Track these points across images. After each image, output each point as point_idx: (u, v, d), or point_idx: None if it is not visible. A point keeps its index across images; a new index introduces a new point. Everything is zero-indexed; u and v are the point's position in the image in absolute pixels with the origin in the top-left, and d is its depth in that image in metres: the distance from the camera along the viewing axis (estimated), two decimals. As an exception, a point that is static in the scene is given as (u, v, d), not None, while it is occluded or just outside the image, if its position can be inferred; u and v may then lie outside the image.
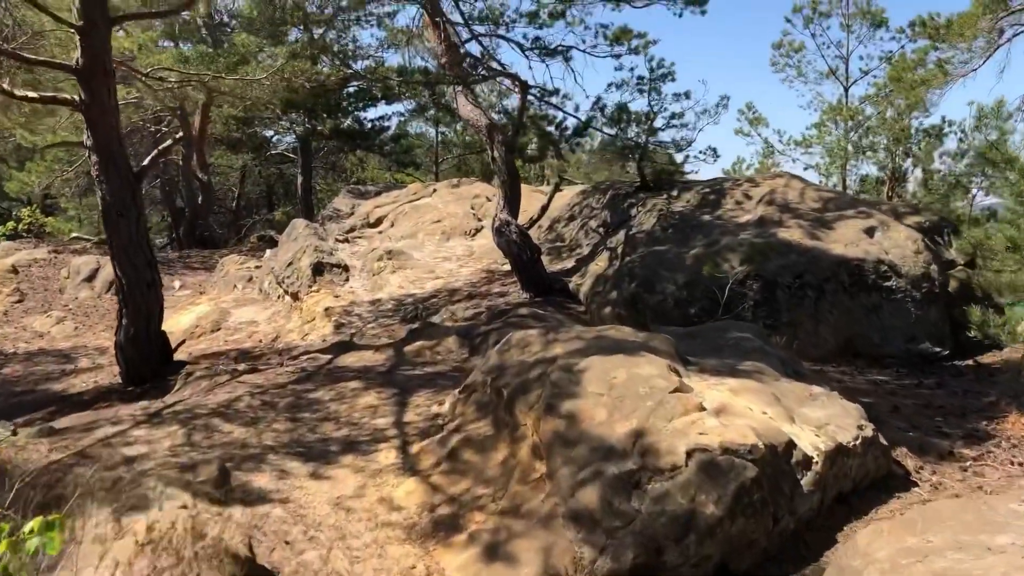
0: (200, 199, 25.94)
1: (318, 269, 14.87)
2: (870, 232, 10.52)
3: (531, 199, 17.50)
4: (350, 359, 9.50)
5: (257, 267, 18.55)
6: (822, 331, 9.69)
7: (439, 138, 34.42)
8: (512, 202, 12.11)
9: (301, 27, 18.92)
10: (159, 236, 28.16)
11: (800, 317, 9.66)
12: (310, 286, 14.46)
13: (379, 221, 19.47)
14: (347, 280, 14.82)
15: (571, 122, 12.97)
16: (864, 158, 20.25)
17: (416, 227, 17.93)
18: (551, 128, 11.86)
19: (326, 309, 13.28)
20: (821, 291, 9.81)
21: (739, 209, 11.65)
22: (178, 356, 11.68)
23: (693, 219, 11.67)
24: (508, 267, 14.30)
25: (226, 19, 24.71)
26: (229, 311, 15.70)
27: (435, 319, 11.91)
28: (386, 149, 27.46)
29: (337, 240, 17.57)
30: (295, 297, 14.66)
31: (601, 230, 13.20)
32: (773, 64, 22.63)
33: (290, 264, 15.38)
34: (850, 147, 19.65)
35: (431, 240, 17.04)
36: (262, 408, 7.56)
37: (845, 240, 10.37)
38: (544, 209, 12.63)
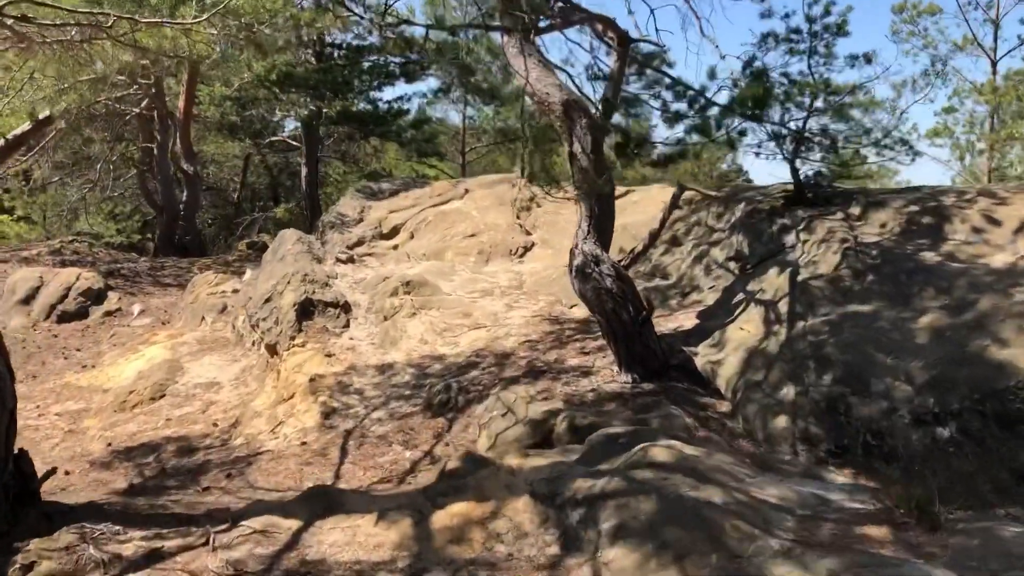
0: (185, 195, 21.56)
1: (306, 310, 10.41)
2: None
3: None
4: (331, 538, 5.01)
5: (235, 291, 14.17)
6: None
7: (466, 123, 29.84)
8: (601, 225, 7.62)
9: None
10: (131, 238, 23.69)
11: None
12: (292, 337, 10.00)
13: (395, 231, 14.99)
14: (347, 327, 10.34)
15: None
16: None
17: (443, 242, 13.42)
18: (668, 103, 7.23)
19: (312, 380, 8.82)
20: None
21: (982, 242, 7.08)
22: (68, 486, 7.32)
23: (906, 258, 7.09)
24: (579, 310, 9.80)
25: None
26: (185, 362, 11.29)
27: (480, 410, 7.45)
28: (405, 136, 22.91)
29: (338, 259, 13.08)
30: (272, 351, 10.20)
31: (733, 264, 8.62)
32: (895, 32, 17.83)
33: (268, 300, 10.92)
34: None
35: (464, 262, 12.52)
36: None
37: None
38: (656, 235, 8.06)
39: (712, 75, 7.17)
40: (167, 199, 20.84)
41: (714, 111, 7.24)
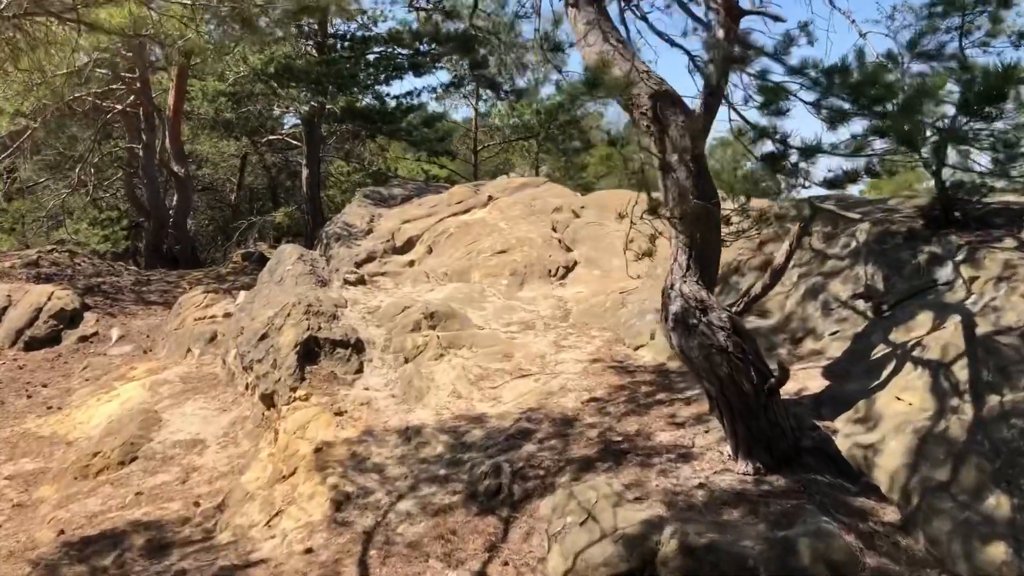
0: (176, 199, 19.63)
1: (310, 351, 8.50)
2: None
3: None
4: None
5: (227, 315, 12.29)
6: None
7: (478, 120, 27.86)
8: (705, 259, 5.70)
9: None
10: (118, 245, 21.70)
11: None
12: (294, 388, 8.08)
13: (409, 244, 13.08)
14: (359, 372, 8.42)
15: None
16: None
17: (468, 259, 11.50)
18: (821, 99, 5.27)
19: (318, 451, 6.91)
20: None
21: None
22: None
23: None
24: (647, 352, 7.95)
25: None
26: (165, 409, 9.40)
27: (545, 508, 5.55)
28: (416, 135, 20.95)
29: (346, 281, 11.17)
30: (268, 402, 8.30)
31: (861, 304, 6.67)
32: None
33: (263, 338, 9.01)
34: None
35: (495, 285, 10.61)
36: None
37: None
38: (780, 273, 6.04)
39: (861, 58, 5.24)
40: (154, 204, 18.93)
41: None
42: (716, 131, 6.25)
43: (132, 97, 18.26)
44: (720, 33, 5.82)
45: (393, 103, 21.80)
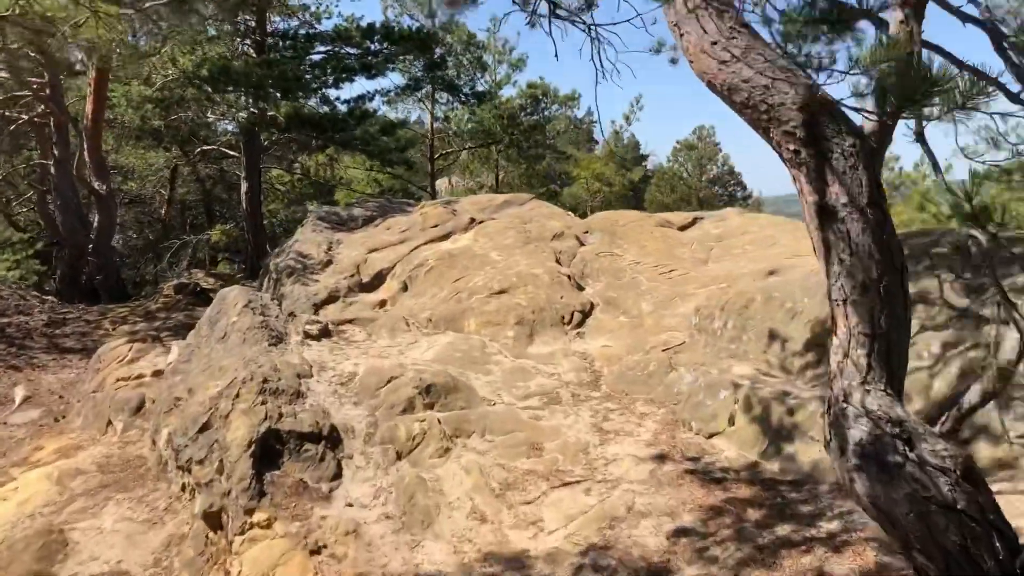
0: (97, 220, 17.00)
1: (270, 450, 6.30)
2: None
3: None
4: None
5: (156, 373, 10.03)
6: None
7: (434, 127, 25.67)
8: (893, 353, 3.72)
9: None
10: (29, 276, 18.85)
11: None
12: (249, 510, 5.87)
13: (379, 279, 10.95)
14: (338, 477, 6.24)
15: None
16: None
17: (458, 302, 9.40)
18: None
19: (293, 625, 4.77)
20: None
21: None
22: None
23: None
24: (726, 443, 6.00)
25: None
26: (74, 522, 7.11)
27: None
28: (373, 146, 18.69)
29: (307, 335, 8.96)
30: (214, 523, 6.09)
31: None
32: None
33: (205, 428, 6.77)
34: None
35: (498, 338, 8.52)
36: None
37: None
38: (1015, 364, 4.14)
39: None
40: (70, 229, 16.32)
41: None
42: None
43: (42, 107, 15.65)
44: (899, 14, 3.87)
45: (344, 108, 19.54)
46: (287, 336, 8.91)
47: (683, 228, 11.20)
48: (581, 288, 9.37)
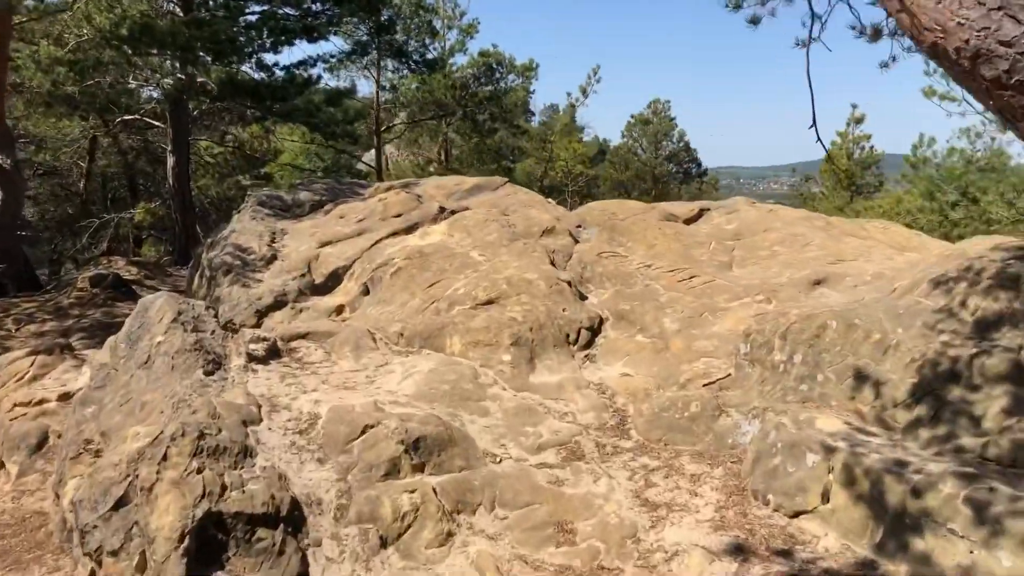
0: (0, 199, 14.77)
1: (209, 542, 4.65)
2: None
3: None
4: None
5: (64, 397, 8.23)
6: None
7: (380, 97, 23.72)
8: None
9: None
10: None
11: None
12: (182, 638, 4.25)
13: (335, 279, 9.28)
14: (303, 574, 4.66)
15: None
16: None
17: (436, 313, 7.78)
18: None
19: None
20: None
21: None
22: None
23: None
24: (814, 525, 4.56)
25: None
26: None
27: None
28: (317, 118, 16.76)
29: (251, 356, 7.24)
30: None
31: None
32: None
33: (122, 503, 5.06)
34: None
35: (492, 361, 6.94)
36: None
37: None
38: None
39: None
40: (-36, 211, 14.09)
41: None
42: None
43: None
44: None
45: (283, 75, 17.53)
46: (226, 359, 7.20)
47: (688, 221, 9.77)
48: (583, 297, 7.85)
